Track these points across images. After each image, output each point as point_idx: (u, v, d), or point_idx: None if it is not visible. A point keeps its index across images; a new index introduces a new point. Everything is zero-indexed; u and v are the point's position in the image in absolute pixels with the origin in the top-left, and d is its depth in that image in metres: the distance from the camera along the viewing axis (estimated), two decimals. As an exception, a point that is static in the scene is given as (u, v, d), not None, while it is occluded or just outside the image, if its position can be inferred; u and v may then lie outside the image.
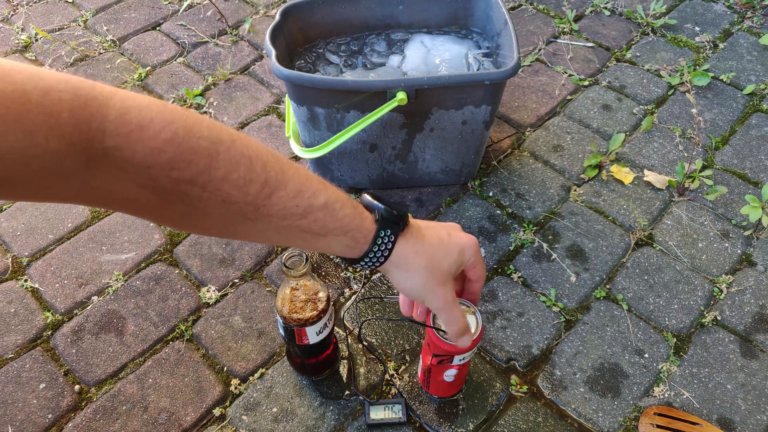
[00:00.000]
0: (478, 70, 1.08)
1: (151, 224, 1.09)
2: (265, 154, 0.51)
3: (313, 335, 0.79)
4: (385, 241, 0.59)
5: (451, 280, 0.63)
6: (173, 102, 1.30)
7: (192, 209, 0.48)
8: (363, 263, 0.60)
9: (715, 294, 0.98)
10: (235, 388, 0.88)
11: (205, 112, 1.28)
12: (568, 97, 1.31)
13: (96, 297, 0.99)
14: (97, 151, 0.41)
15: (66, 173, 0.41)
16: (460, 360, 0.75)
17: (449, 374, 0.79)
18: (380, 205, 0.59)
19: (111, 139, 0.42)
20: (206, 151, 0.46)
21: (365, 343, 0.93)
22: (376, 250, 0.59)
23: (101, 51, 1.43)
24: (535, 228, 1.07)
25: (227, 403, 0.87)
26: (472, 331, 0.72)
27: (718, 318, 0.95)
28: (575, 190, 1.13)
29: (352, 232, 0.57)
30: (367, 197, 0.61)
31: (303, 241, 0.56)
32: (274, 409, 0.86)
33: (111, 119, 0.42)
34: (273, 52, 0.94)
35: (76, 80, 0.41)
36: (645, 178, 1.15)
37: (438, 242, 0.62)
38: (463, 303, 0.73)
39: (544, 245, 1.04)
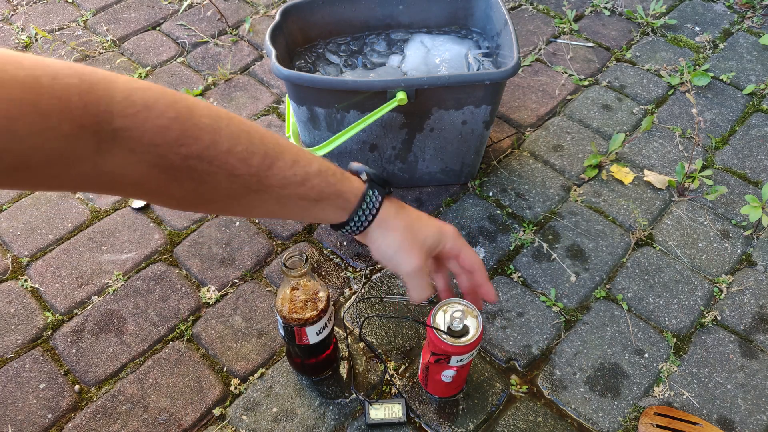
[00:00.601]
0: (478, 70, 1.08)
1: (151, 224, 1.09)
2: (261, 129, 0.54)
3: (313, 335, 0.79)
4: (373, 200, 0.61)
5: (425, 252, 0.64)
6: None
7: (201, 185, 0.50)
8: (350, 225, 0.62)
9: (715, 294, 0.98)
10: (235, 388, 0.88)
11: (205, 112, 1.28)
12: (568, 97, 1.31)
13: (96, 297, 0.99)
14: (107, 132, 0.43)
15: (78, 157, 0.42)
16: (458, 361, 0.75)
17: (447, 374, 0.79)
18: (367, 167, 0.63)
19: (119, 120, 0.43)
20: (209, 127, 0.48)
21: (365, 343, 0.93)
22: (364, 207, 0.61)
23: (101, 51, 1.43)
24: (535, 228, 1.07)
25: (227, 403, 0.87)
26: (472, 333, 0.72)
27: (718, 318, 0.95)
28: (575, 190, 1.13)
29: (345, 194, 0.60)
30: (354, 164, 0.64)
31: (301, 209, 0.59)
32: (274, 409, 0.86)
33: (117, 101, 0.43)
34: (273, 52, 0.94)
35: (78, 66, 0.43)
36: (645, 178, 1.15)
37: (417, 216, 0.65)
38: (466, 305, 0.73)
39: (544, 245, 1.04)
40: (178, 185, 0.49)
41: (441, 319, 0.73)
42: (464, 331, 0.72)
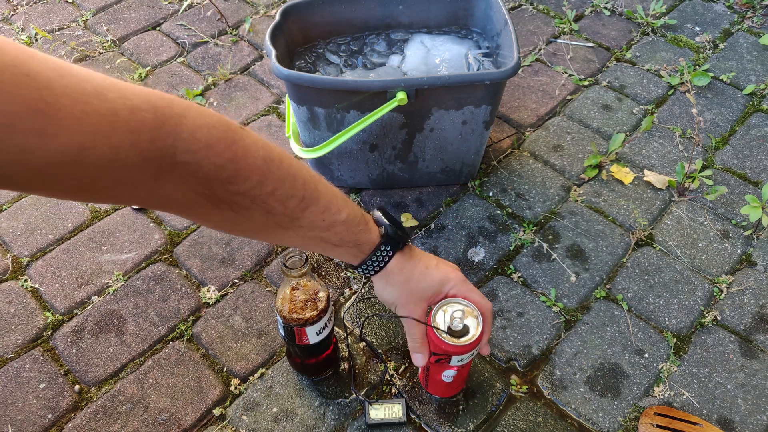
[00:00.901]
0: (478, 70, 1.08)
1: (151, 224, 1.09)
2: (304, 172, 0.58)
3: (313, 335, 0.79)
4: (383, 255, 0.67)
5: (423, 302, 0.71)
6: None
7: (238, 216, 0.54)
8: (360, 270, 0.68)
9: (715, 294, 0.98)
10: (235, 388, 0.88)
11: (205, 112, 1.28)
12: (568, 97, 1.31)
13: (96, 297, 0.99)
14: (167, 164, 0.46)
15: (137, 182, 0.46)
16: (459, 361, 0.75)
17: (448, 375, 0.79)
18: (387, 222, 0.68)
19: (181, 155, 0.46)
20: (260, 169, 0.52)
21: (365, 343, 0.93)
22: (374, 260, 0.67)
23: (101, 51, 1.43)
24: (535, 228, 1.07)
25: (227, 403, 0.87)
26: (472, 333, 0.72)
27: (718, 318, 0.95)
28: (575, 190, 1.13)
29: (362, 245, 0.66)
30: (378, 215, 0.69)
31: (321, 249, 0.64)
32: (274, 409, 0.86)
33: (183, 138, 0.46)
34: (273, 52, 0.94)
35: (156, 98, 0.45)
36: (645, 178, 1.15)
37: (423, 267, 0.71)
38: (466, 305, 0.73)
39: (544, 245, 1.04)
40: (219, 212, 0.53)
41: (441, 318, 0.73)
42: (464, 330, 0.72)
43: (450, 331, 0.72)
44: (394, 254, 0.68)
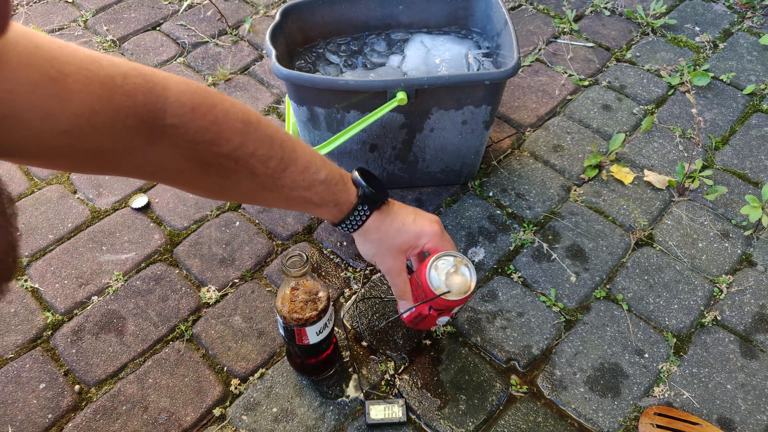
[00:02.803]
0: (478, 70, 1.08)
1: (151, 224, 1.09)
2: (281, 134, 0.62)
3: (313, 335, 0.79)
4: (361, 215, 0.72)
5: (401, 255, 0.77)
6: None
7: (225, 181, 0.58)
8: (340, 227, 0.73)
9: (715, 294, 0.98)
10: (235, 388, 0.88)
11: (205, 112, 1.28)
12: (568, 97, 1.31)
13: (96, 297, 0.99)
14: (159, 128, 0.50)
15: (135, 147, 0.49)
16: (457, 308, 0.79)
17: (443, 320, 0.82)
18: (363, 183, 0.71)
19: (170, 118, 0.50)
20: (240, 131, 0.56)
21: (365, 343, 0.93)
22: (352, 219, 0.72)
23: (101, 51, 1.43)
24: (535, 228, 1.07)
25: (227, 403, 0.87)
26: (468, 283, 0.75)
27: (718, 318, 0.95)
28: (575, 190, 1.13)
29: (340, 204, 0.70)
30: (357, 175, 0.72)
31: (303, 208, 0.68)
32: (274, 409, 0.86)
33: (171, 101, 0.50)
34: (273, 52, 0.94)
35: (140, 66, 0.49)
36: (645, 178, 1.15)
37: (399, 225, 0.75)
38: (455, 255, 0.76)
39: (544, 245, 1.04)
40: (208, 178, 0.57)
41: (436, 278, 0.75)
42: (460, 281, 0.75)
43: (447, 286, 0.75)
44: (371, 213, 0.72)
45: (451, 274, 0.74)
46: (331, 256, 1.04)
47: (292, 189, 0.63)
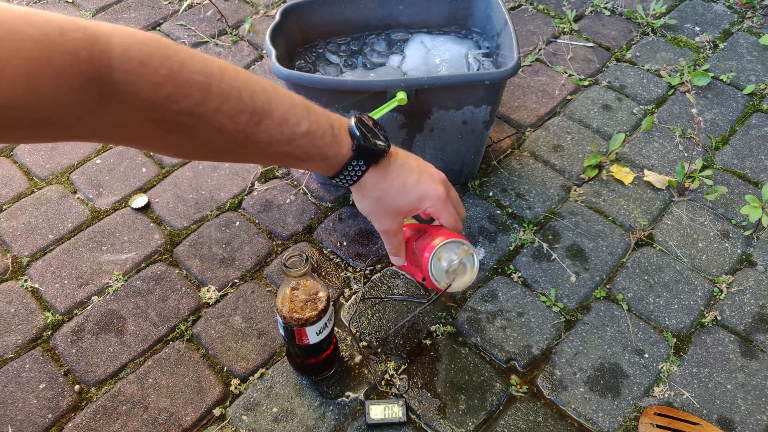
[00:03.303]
0: (478, 70, 1.08)
1: (151, 224, 1.09)
2: (253, 83, 0.55)
3: (313, 335, 0.79)
4: (356, 169, 0.64)
5: (398, 217, 0.70)
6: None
7: (192, 140, 0.53)
8: (335, 181, 0.66)
9: (715, 294, 0.98)
10: (235, 388, 0.88)
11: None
12: (568, 97, 1.31)
13: (96, 297, 0.99)
14: (107, 85, 0.45)
15: (87, 109, 0.44)
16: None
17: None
18: (358, 134, 0.63)
19: (118, 74, 0.45)
20: (201, 85, 0.50)
21: (365, 343, 0.93)
22: (345, 174, 0.65)
23: (101, 51, 1.43)
24: (535, 228, 1.07)
25: (227, 403, 0.87)
26: (469, 271, 0.71)
27: (718, 318, 0.95)
28: (575, 190, 1.13)
29: (329, 159, 0.62)
30: (353, 124, 0.64)
31: (288, 163, 0.63)
32: (274, 409, 0.86)
33: (116, 56, 0.45)
34: (273, 52, 0.94)
35: (80, 20, 0.44)
36: (645, 178, 1.15)
37: (401, 185, 0.67)
38: (463, 244, 0.70)
39: (544, 245, 1.04)
40: (172, 138, 0.52)
41: (438, 269, 0.71)
42: (462, 270, 0.71)
43: (452, 273, 0.71)
44: (367, 169, 0.65)
45: (453, 269, 0.70)
46: (331, 256, 1.04)
47: (269, 144, 0.57)
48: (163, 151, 0.55)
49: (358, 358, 0.91)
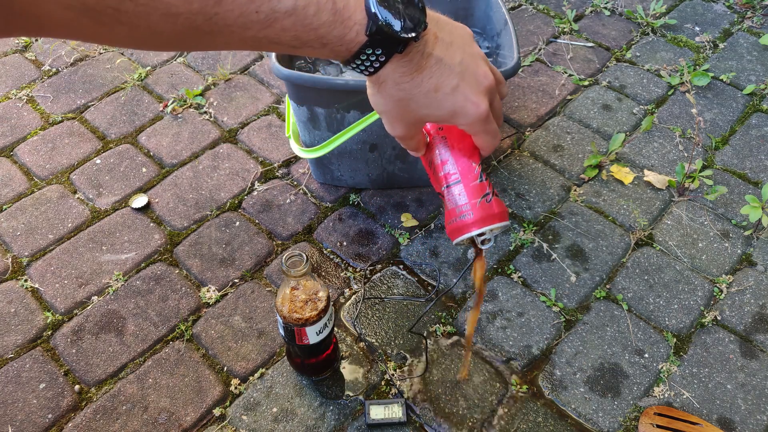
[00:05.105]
0: (478, 70, 1.08)
1: (151, 224, 1.09)
2: None
3: (313, 335, 0.79)
4: (372, 60, 0.47)
5: (415, 126, 0.56)
6: (173, 102, 1.30)
7: (135, 29, 0.41)
8: (350, 68, 0.50)
9: (715, 294, 0.98)
10: (235, 388, 0.88)
11: (205, 112, 1.28)
12: (568, 97, 1.31)
13: (96, 297, 0.99)
14: None
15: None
16: None
17: None
18: (375, 11, 0.45)
19: None
20: None
21: (365, 343, 0.93)
22: (359, 63, 0.48)
23: (101, 51, 1.43)
24: (535, 228, 1.07)
25: (227, 403, 0.87)
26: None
27: (718, 318, 0.95)
28: (575, 190, 1.13)
29: (332, 45, 0.46)
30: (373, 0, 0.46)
31: (280, 51, 0.47)
32: (274, 409, 0.86)
33: None
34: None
35: None
36: (645, 178, 1.15)
37: (432, 89, 0.50)
38: (498, 226, 0.59)
39: (544, 245, 1.04)
40: (109, 29, 0.41)
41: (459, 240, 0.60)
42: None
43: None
44: (387, 60, 0.48)
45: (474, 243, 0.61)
46: (331, 256, 1.04)
47: (244, 28, 0.43)
48: (110, 43, 0.43)
49: (358, 358, 0.91)
